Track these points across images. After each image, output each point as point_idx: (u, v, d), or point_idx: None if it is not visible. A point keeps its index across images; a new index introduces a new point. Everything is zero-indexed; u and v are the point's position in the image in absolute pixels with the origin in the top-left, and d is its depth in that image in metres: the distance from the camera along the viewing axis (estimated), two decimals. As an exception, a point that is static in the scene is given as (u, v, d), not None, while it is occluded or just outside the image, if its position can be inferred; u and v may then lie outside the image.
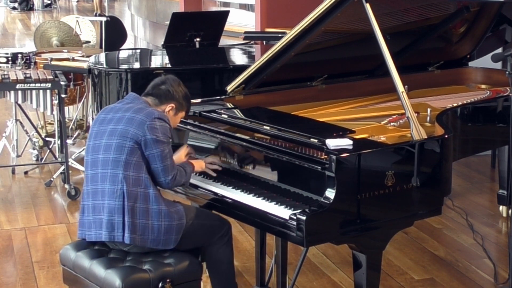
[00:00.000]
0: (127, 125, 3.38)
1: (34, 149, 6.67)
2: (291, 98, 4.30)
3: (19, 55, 6.65)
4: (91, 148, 3.46)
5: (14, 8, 19.55)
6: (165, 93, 3.57)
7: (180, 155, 3.70)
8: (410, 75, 4.59)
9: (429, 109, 4.04)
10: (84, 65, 6.08)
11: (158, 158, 3.37)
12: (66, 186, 5.79)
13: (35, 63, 6.68)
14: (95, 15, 15.66)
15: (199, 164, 3.66)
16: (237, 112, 3.96)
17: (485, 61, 4.94)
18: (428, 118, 3.98)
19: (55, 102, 5.74)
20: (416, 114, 3.60)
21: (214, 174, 3.66)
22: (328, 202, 3.14)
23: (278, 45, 4.00)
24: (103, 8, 16.50)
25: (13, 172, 6.38)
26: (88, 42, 8.58)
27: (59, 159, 6.08)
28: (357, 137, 3.47)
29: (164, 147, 3.39)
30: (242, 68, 4.49)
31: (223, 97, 4.20)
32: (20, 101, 5.71)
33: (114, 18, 9.47)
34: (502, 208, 5.38)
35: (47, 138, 6.70)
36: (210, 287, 3.68)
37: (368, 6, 3.68)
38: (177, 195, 3.80)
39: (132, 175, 3.35)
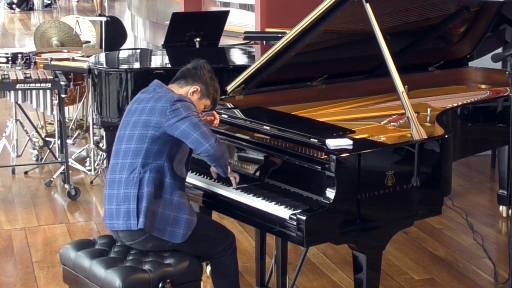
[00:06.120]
0: (149, 115, 3.37)
1: (34, 149, 6.66)
2: (291, 98, 4.30)
3: (19, 55, 6.64)
4: (116, 138, 3.48)
5: (11, 7, 19.48)
6: (191, 74, 3.53)
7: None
8: (410, 75, 4.59)
9: (429, 109, 4.04)
10: (84, 65, 6.08)
11: (191, 129, 3.30)
12: (66, 186, 5.78)
13: (35, 63, 6.67)
14: (97, 16, 15.65)
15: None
16: (237, 112, 3.95)
17: (485, 61, 4.93)
18: (428, 118, 3.97)
19: (55, 102, 5.74)
20: (416, 114, 3.60)
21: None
22: (328, 202, 3.14)
23: (278, 45, 4.00)
24: (103, 8, 16.49)
25: (13, 172, 6.38)
26: (88, 42, 8.57)
27: (59, 159, 6.08)
28: (357, 137, 3.47)
29: (192, 118, 3.31)
30: (242, 68, 4.48)
31: (223, 97, 4.19)
32: (20, 101, 5.70)
33: (114, 18, 9.47)
34: (502, 208, 5.38)
35: (47, 138, 6.70)
36: (210, 287, 3.68)
37: (368, 6, 3.68)
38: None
39: (151, 162, 3.35)
